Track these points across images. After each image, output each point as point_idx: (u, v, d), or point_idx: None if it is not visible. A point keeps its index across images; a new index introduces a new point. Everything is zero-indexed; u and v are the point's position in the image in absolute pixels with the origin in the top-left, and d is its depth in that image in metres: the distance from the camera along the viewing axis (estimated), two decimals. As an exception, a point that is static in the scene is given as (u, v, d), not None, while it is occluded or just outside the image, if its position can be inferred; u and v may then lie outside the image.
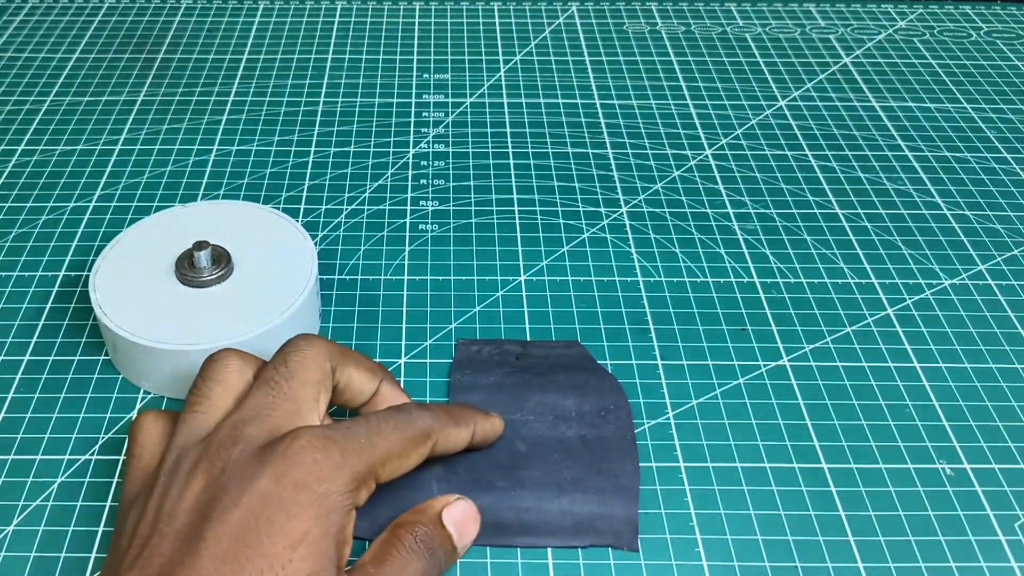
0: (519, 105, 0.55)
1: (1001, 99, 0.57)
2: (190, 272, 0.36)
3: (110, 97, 0.55)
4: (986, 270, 0.43)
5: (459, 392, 0.36)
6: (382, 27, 0.64)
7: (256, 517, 0.25)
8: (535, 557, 0.31)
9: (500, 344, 0.38)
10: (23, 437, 0.34)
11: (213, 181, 0.48)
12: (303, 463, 0.26)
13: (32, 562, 0.30)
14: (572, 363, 0.37)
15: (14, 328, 0.39)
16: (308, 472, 0.26)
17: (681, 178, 0.49)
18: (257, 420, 0.28)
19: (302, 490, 0.26)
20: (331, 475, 0.26)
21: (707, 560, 0.31)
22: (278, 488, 0.25)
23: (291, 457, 0.26)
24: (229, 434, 0.27)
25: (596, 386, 0.36)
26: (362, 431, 0.28)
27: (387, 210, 0.46)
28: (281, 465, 0.26)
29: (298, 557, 0.25)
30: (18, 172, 0.48)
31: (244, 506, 0.25)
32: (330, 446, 0.27)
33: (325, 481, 0.26)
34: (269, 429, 0.27)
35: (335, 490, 0.26)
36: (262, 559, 0.24)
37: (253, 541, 0.25)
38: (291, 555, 0.25)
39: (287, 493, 0.25)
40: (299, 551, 0.25)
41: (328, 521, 0.26)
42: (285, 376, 0.29)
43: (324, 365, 0.30)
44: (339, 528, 0.26)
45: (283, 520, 0.25)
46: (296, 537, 0.25)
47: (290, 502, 0.25)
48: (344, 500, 0.26)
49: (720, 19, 0.66)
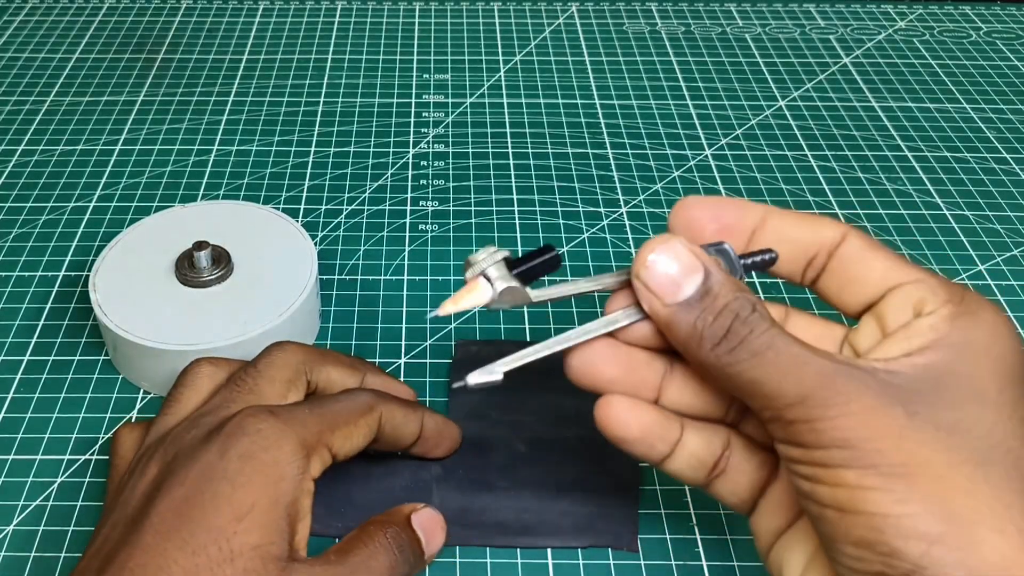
0: (519, 105, 0.55)
1: (1001, 99, 0.57)
2: (190, 272, 0.36)
3: (110, 97, 0.55)
4: (986, 270, 0.43)
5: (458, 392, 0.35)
6: (382, 27, 0.64)
7: (200, 492, 0.25)
8: (535, 557, 0.31)
9: (500, 345, 0.38)
10: (23, 437, 0.34)
11: (213, 181, 0.48)
12: (247, 434, 0.26)
13: (32, 562, 0.30)
14: None
15: (14, 328, 0.39)
16: (252, 442, 0.26)
17: (681, 178, 0.49)
18: (216, 411, 0.28)
19: (247, 460, 0.25)
20: (276, 442, 0.26)
21: (707, 560, 0.31)
22: (222, 461, 0.25)
23: (234, 431, 0.26)
24: (186, 426, 0.28)
25: None
26: (304, 405, 0.28)
27: (387, 210, 0.46)
28: (226, 440, 0.26)
29: (243, 529, 0.24)
30: (18, 172, 0.48)
31: (188, 482, 0.25)
32: (273, 418, 0.26)
33: (270, 448, 0.26)
34: (224, 417, 0.27)
35: (282, 457, 0.26)
36: (205, 532, 0.24)
37: (198, 515, 0.24)
38: (236, 527, 0.24)
39: (232, 465, 0.25)
40: (244, 523, 0.24)
41: (277, 490, 0.25)
42: (252, 375, 0.29)
43: (295, 366, 0.30)
44: (291, 499, 0.26)
45: (228, 492, 0.25)
46: (242, 509, 0.25)
47: (235, 473, 0.25)
48: (292, 468, 0.26)
49: (720, 19, 0.66)
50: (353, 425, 0.28)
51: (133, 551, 0.24)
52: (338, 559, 0.26)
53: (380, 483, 0.32)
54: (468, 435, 0.34)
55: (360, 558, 0.26)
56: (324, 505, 0.31)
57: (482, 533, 0.31)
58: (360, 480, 0.32)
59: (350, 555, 0.26)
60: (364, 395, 0.30)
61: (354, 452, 0.29)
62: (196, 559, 0.24)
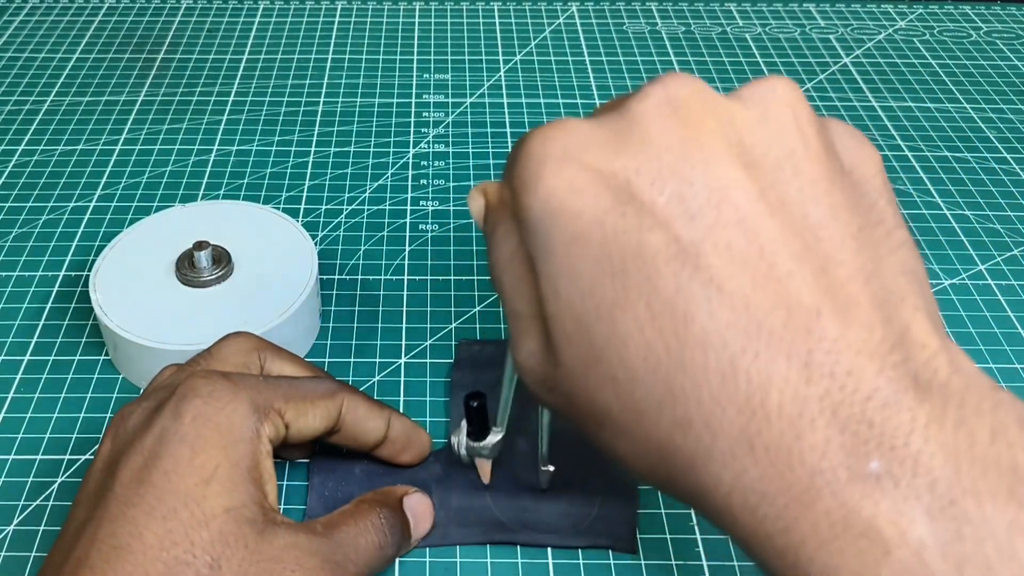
0: (519, 105, 0.55)
1: (1001, 99, 0.57)
2: (190, 272, 0.36)
3: (110, 97, 0.55)
4: (986, 270, 0.43)
5: (460, 390, 0.36)
6: (382, 27, 0.64)
7: (158, 456, 0.25)
8: (535, 557, 0.31)
9: (501, 344, 0.38)
10: (23, 437, 0.34)
11: (213, 181, 0.48)
12: (199, 396, 0.26)
13: (32, 562, 0.30)
14: None
15: (14, 328, 0.39)
16: (205, 403, 0.25)
17: (681, 178, 0.49)
18: (167, 387, 0.28)
19: (203, 423, 0.25)
20: (230, 403, 0.26)
21: (707, 560, 0.31)
22: (177, 424, 0.25)
23: (186, 393, 0.26)
24: (137, 401, 0.28)
25: None
26: (258, 375, 0.28)
27: (387, 210, 0.46)
28: (179, 403, 0.26)
29: (212, 492, 0.24)
30: (18, 172, 0.48)
31: (145, 449, 0.25)
32: (224, 380, 0.26)
33: (224, 410, 0.26)
34: (175, 385, 0.27)
35: (237, 420, 0.26)
36: (173, 497, 0.24)
37: (160, 480, 0.24)
38: (204, 490, 0.24)
39: (186, 428, 0.25)
40: (212, 486, 0.24)
41: (237, 452, 0.25)
42: (205, 356, 0.30)
43: (246, 349, 0.30)
44: (251, 461, 0.25)
45: (188, 455, 0.25)
46: (206, 471, 0.24)
47: (192, 436, 0.25)
48: (247, 430, 0.26)
49: (720, 19, 0.66)
50: (309, 403, 0.28)
51: (100, 523, 0.24)
52: (325, 532, 0.26)
53: (380, 482, 0.32)
54: None
55: (348, 535, 0.26)
56: (324, 506, 0.31)
57: (481, 531, 0.31)
58: (360, 480, 0.32)
59: (338, 529, 0.26)
60: (327, 381, 0.30)
61: (311, 433, 0.28)
62: (167, 524, 0.23)
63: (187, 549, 0.23)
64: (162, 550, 0.23)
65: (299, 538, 0.25)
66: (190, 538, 0.23)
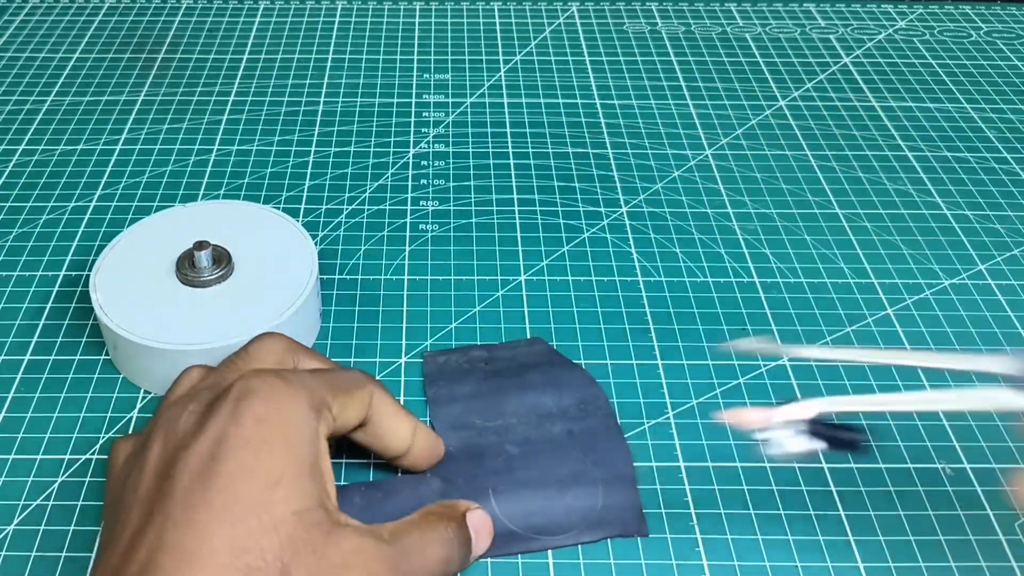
0: (519, 105, 0.55)
1: (1001, 99, 0.57)
2: (190, 272, 0.36)
3: (110, 97, 0.55)
4: (986, 270, 0.43)
5: (439, 405, 0.35)
6: (382, 27, 0.64)
7: (219, 460, 0.24)
8: (535, 557, 0.31)
9: (466, 351, 0.37)
10: (23, 437, 0.34)
11: (213, 181, 0.48)
12: (257, 397, 0.25)
13: (32, 562, 0.30)
14: (540, 360, 0.37)
15: (14, 328, 0.39)
16: (264, 405, 0.25)
17: (681, 178, 0.49)
18: (213, 386, 0.27)
19: (263, 424, 0.24)
20: (288, 404, 0.25)
21: (707, 560, 0.31)
22: (237, 427, 0.24)
23: (243, 395, 0.25)
24: (182, 402, 0.27)
25: (570, 380, 0.36)
26: (305, 371, 0.28)
27: (387, 210, 0.46)
28: (236, 404, 0.25)
29: (279, 497, 0.23)
30: (18, 172, 0.48)
31: (204, 452, 0.24)
32: (280, 379, 0.26)
33: (283, 410, 0.25)
34: (225, 386, 0.26)
35: (298, 420, 0.25)
36: (239, 502, 0.23)
37: (224, 485, 0.23)
38: (271, 496, 0.23)
39: (248, 430, 0.24)
40: (278, 491, 0.23)
41: (301, 454, 0.24)
42: (242, 357, 0.29)
43: (281, 349, 0.30)
44: (313, 461, 0.25)
45: (253, 459, 0.24)
46: (272, 476, 0.24)
47: (256, 439, 0.24)
48: (308, 429, 0.25)
49: (720, 19, 0.66)
50: (349, 396, 0.28)
51: (164, 528, 0.23)
52: (392, 538, 0.25)
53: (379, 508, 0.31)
54: (457, 445, 0.33)
55: (416, 544, 0.26)
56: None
57: (496, 543, 0.30)
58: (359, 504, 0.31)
59: (405, 538, 0.26)
60: (357, 371, 0.30)
61: (349, 427, 0.28)
62: (235, 530, 0.23)
63: (258, 556, 0.23)
64: (234, 557, 0.22)
65: (366, 542, 0.25)
66: (260, 544, 0.23)
